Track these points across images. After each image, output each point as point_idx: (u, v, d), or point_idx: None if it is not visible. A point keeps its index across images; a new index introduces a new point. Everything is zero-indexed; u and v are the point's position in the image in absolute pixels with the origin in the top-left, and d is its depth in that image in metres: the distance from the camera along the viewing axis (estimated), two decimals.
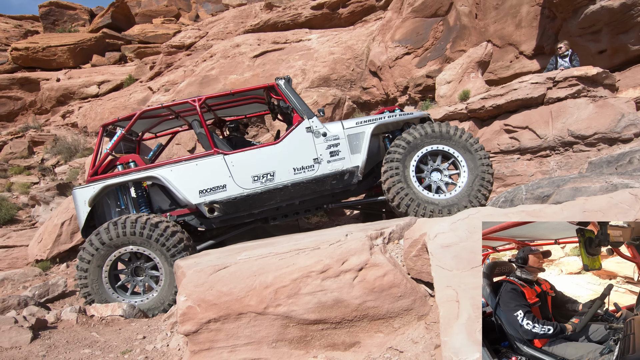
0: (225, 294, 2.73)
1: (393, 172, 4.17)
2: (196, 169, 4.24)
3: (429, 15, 9.84)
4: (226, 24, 14.89)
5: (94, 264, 4.06)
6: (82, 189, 4.31)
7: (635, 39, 6.63)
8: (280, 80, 4.58)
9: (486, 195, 4.24)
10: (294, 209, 4.53)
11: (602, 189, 3.76)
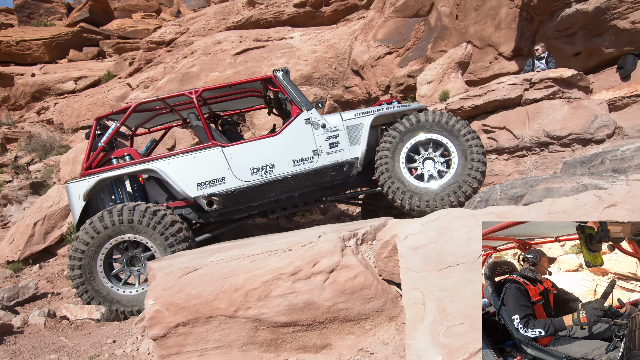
0: (194, 297, 2.68)
1: (383, 163, 4.19)
2: (194, 162, 4.16)
3: (410, 15, 9.89)
4: (207, 20, 14.69)
5: (88, 253, 3.94)
6: (76, 182, 4.21)
7: (609, 42, 6.78)
8: (279, 72, 4.54)
9: (478, 179, 4.18)
10: (293, 202, 4.49)
11: (573, 190, 3.82)
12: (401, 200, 4.10)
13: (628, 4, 6.14)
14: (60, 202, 7.15)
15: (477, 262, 2.19)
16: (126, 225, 3.92)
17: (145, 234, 3.95)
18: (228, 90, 4.90)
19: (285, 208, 4.51)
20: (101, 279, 3.98)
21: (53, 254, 7.01)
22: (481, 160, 4.17)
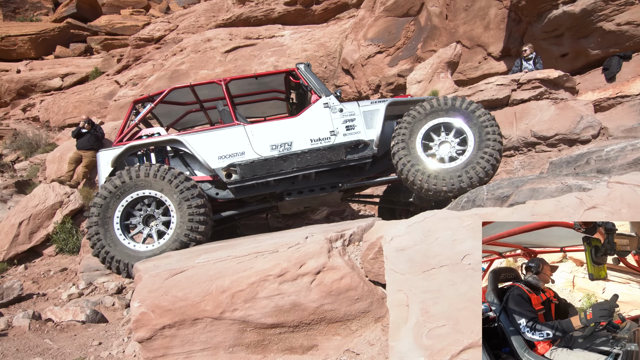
0: (180, 299, 2.67)
1: (400, 148, 4.25)
2: (217, 137, 4.37)
3: (400, 14, 9.92)
4: (197, 18, 14.58)
5: (106, 207, 3.98)
6: (107, 150, 4.39)
7: (595, 44, 6.87)
8: (301, 65, 4.78)
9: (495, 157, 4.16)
10: (310, 185, 4.54)
11: (557, 190, 3.87)
12: (420, 181, 4.13)
13: (613, 6, 6.23)
14: (46, 201, 7.06)
15: (461, 264, 2.21)
16: (144, 180, 4.00)
17: (163, 190, 4.01)
18: (254, 82, 5.10)
19: (302, 192, 4.55)
20: (117, 236, 3.98)
21: (39, 254, 6.91)
22: (497, 140, 4.20)
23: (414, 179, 4.15)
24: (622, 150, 5.31)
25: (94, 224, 3.92)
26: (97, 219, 3.92)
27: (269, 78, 5.10)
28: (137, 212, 4.07)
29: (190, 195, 3.98)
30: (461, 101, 4.31)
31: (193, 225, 3.90)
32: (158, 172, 4.01)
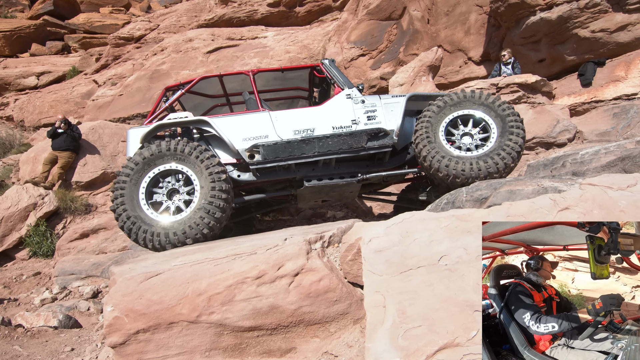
0: (155, 303, 2.61)
1: (423, 136, 4.33)
2: (242, 121, 4.48)
3: (383, 18, 10.00)
4: (179, 17, 14.41)
5: (133, 178, 4.02)
6: (137, 128, 4.49)
7: (571, 50, 7.05)
8: (326, 60, 4.93)
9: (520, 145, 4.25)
10: (329, 173, 4.57)
11: (534, 192, 3.94)
12: (447, 167, 4.20)
13: (588, 14, 6.41)
14: (19, 203, 6.84)
15: (438, 265, 2.22)
16: (172, 153, 4.07)
17: (189, 164, 4.08)
18: (279, 77, 5.24)
19: (321, 179, 4.59)
20: (142, 205, 4.01)
21: (11, 258, 6.69)
22: (520, 127, 4.30)
23: (439, 166, 4.23)
24: (596, 154, 5.45)
25: (121, 189, 3.97)
26: (125, 185, 3.98)
27: (294, 73, 5.26)
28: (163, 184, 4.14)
29: (218, 177, 4.03)
30: (482, 94, 4.45)
31: (212, 209, 3.93)
32: (194, 150, 4.07)
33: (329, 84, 5.21)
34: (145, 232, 3.87)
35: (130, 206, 3.95)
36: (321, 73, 4.97)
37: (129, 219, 3.90)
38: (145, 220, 3.93)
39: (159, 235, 3.86)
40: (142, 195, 4.02)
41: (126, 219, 3.90)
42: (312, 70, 5.17)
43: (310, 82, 5.49)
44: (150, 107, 11.41)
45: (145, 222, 3.92)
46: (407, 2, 9.56)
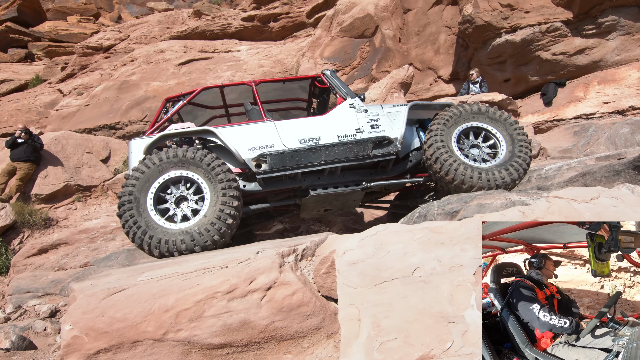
0: (118, 320, 2.47)
1: (438, 144, 4.40)
2: (247, 131, 4.46)
3: (356, 35, 10.20)
4: (150, 28, 14.21)
5: (141, 183, 3.94)
6: (139, 139, 4.41)
7: (534, 71, 7.39)
8: (327, 71, 4.98)
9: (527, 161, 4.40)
10: (334, 181, 4.59)
11: (502, 205, 4.04)
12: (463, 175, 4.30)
13: (549, 37, 6.75)
14: None
15: (412, 277, 2.21)
16: (183, 160, 4.02)
17: (200, 171, 4.04)
18: (279, 87, 5.26)
19: (326, 187, 4.59)
20: (149, 211, 3.92)
21: None
22: (527, 142, 4.46)
23: (455, 174, 4.31)
24: (559, 169, 5.69)
25: (129, 193, 3.87)
26: (134, 189, 3.88)
27: (295, 84, 5.31)
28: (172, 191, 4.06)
29: (229, 185, 4.00)
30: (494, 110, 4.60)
31: (222, 215, 3.89)
32: (205, 157, 4.04)
33: (328, 95, 5.32)
34: (151, 239, 3.79)
35: (137, 212, 3.87)
36: (322, 83, 5.04)
37: (135, 224, 3.81)
38: (152, 227, 3.84)
39: (167, 242, 3.78)
40: (151, 201, 3.93)
41: (133, 224, 3.81)
42: (313, 80, 5.22)
43: (310, 93, 5.54)
44: (119, 118, 11.10)
45: (152, 229, 3.83)
46: (380, 21, 9.81)
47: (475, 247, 2.35)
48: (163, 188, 4.03)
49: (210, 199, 3.98)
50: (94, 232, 6.83)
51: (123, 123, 11.12)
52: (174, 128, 4.57)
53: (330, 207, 5.04)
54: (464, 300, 2.03)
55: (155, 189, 3.96)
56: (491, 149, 4.57)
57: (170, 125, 4.70)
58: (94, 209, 8.61)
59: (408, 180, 4.92)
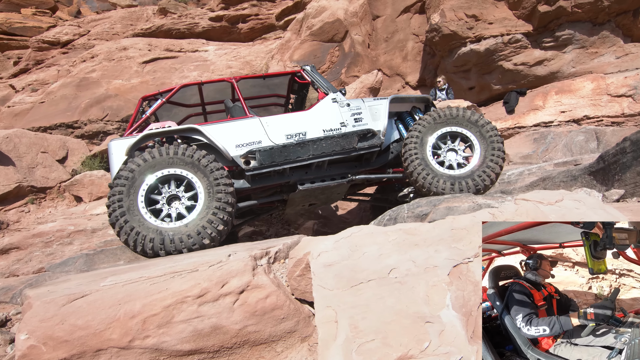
0: (80, 328, 2.32)
1: (412, 151, 4.48)
2: (233, 128, 4.41)
3: (326, 40, 10.25)
4: (112, 25, 13.69)
5: (130, 183, 3.81)
6: (119, 140, 4.25)
7: (497, 80, 7.70)
8: (307, 66, 4.99)
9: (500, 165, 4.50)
10: (321, 175, 4.64)
11: (469, 208, 4.17)
12: (436, 187, 4.40)
13: (511, 48, 7.06)
14: None
15: (388, 278, 2.22)
16: (175, 158, 3.93)
17: (193, 169, 3.96)
18: (257, 84, 5.26)
19: (314, 181, 4.63)
20: (140, 210, 3.81)
21: None
22: (501, 149, 4.56)
23: (424, 182, 4.42)
24: (521, 174, 5.92)
25: (119, 193, 3.76)
26: (123, 189, 3.77)
27: (275, 80, 5.31)
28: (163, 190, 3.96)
29: (220, 175, 3.94)
30: (468, 112, 4.68)
31: (221, 205, 3.85)
32: (194, 154, 3.96)
33: (307, 91, 5.35)
34: (144, 239, 3.68)
35: (127, 210, 3.74)
36: (302, 79, 5.03)
37: (126, 223, 3.69)
38: (145, 226, 3.72)
39: (162, 241, 3.68)
40: (142, 199, 3.82)
41: (123, 223, 3.69)
42: (293, 76, 5.22)
43: (289, 89, 5.54)
44: (77, 117, 10.59)
45: (144, 228, 3.71)
46: (349, 26, 9.92)
47: (449, 248, 2.39)
48: (154, 187, 3.92)
49: (205, 197, 3.91)
50: (49, 235, 6.47)
51: (82, 122, 10.63)
52: (154, 127, 4.44)
53: (315, 201, 5.09)
54: (440, 301, 2.05)
55: (146, 188, 3.85)
56: (467, 155, 4.69)
57: (150, 124, 4.57)
58: (49, 212, 8.15)
59: (391, 176, 5.04)
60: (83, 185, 8.62)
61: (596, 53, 6.76)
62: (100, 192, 8.50)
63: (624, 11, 6.51)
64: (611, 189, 4.01)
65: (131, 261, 6.40)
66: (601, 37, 6.70)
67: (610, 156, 4.18)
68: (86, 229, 6.73)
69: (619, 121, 6.02)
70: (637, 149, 3.83)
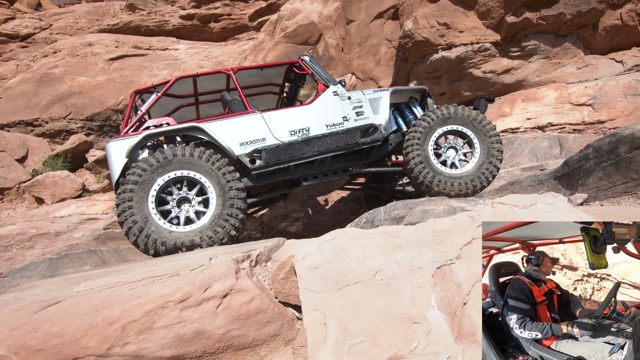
0: (55, 336, 2.22)
1: (415, 151, 4.52)
2: (236, 124, 4.31)
3: (300, 42, 10.25)
4: (77, 19, 13.16)
5: (141, 185, 3.71)
6: (117, 141, 4.09)
7: (467, 87, 7.95)
8: (306, 56, 4.95)
9: (497, 166, 4.64)
10: (324, 170, 4.66)
11: (444, 211, 4.28)
12: (437, 186, 4.51)
13: (480, 56, 7.32)
14: None
15: (374, 280, 2.25)
16: (186, 160, 3.84)
17: (202, 170, 3.88)
18: (254, 74, 5.15)
19: (317, 176, 4.64)
20: (152, 214, 3.73)
21: None
22: (500, 150, 4.69)
23: (424, 180, 4.52)
24: None
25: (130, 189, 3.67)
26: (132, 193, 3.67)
27: (273, 69, 5.21)
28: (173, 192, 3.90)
29: (232, 178, 3.90)
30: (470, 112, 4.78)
31: (233, 212, 3.80)
32: (203, 155, 3.88)
33: (303, 82, 5.30)
34: (155, 242, 3.63)
35: (138, 211, 3.65)
36: (301, 69, 4.97)
37: (135, 224, 3.61)
38: (155, 229, 3.65)
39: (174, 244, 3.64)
40: (152, 201, 3.74)
41: (132, 224, 3.62)
42: (291, 66, 5.16)
43: (285, 78, 5.48)
44: (37, 114, 10.09)
45: (155, 231, 3.65)
46: (323, 30, 9.97)
47: (431, 250, 2.45)
48: (164, 189, 3.85)
49: (217, 200, 3.86)
50: (8, 239, 6.13)
51: (43, 120, 10.15)
52: (151, 124, 4.32)
53: (315, 192, 5.15)
54: (425, 301, 2.10)
55: (157, 189, 3.77)
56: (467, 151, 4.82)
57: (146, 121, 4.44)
58: (8, 214, 7.73)
59: (392, 169, 5.13)
60: (45, 186, 8.22)
61: (559, 63, 7.13)
62: (64, 194, 8.14)
63: (584, 24, 6.89)
64: (575, 193, 4.23)
65: (99, 266, 6.17)
66: (564, 48, 7.07)
67: (575, 162, 4.41)
68: (49, 232, 6.43)
69: (580, 128, 6.37)
70: (599, 156, 4.06)
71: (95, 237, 6.31)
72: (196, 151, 3.90)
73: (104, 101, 10.13)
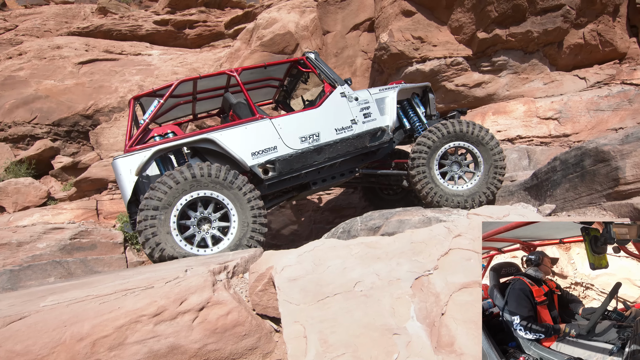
0: (19, 354, 2.10)
1: (421, 172, 4.64)
2: (246, 133, 4.22)
3: (276, 51, 10.25)
4: (45, 21, 12.73)
5: (163, 206, 3.65)
6: (125, 157, 3.96)
7: (440, 99, 8.13)
8: (311, 54, 4.89)
9: (500, 183, 4.78)
10: (332, 172, 4.70)
11: (420, 222, 4.35)
12: (437, 201, 4.66)
13: (453, 70, 7.52)
14: None
15: (354, 291, 2.25)
16: (205, 179, 3.78)
17: (228, 192, 3.84)
18: (257, 72, 5.08)
19: (325, 179, 4.68)
20: (174, 236, 3.70)
21: None
22: (504, 167, 4.80)
23: (427, 195, 4.66)
24: None
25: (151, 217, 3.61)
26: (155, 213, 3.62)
27: (275, 67, 5.14)
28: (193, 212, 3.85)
29: (252, 196, 3.89)
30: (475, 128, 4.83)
31: (258, 227, 3.86)
32: (222, 174, 3.83)
33: (305, 80, 5.29)
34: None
35: (160, 230, 3.62)
36: (305, 67, 4.92)
37: (157, 245, 3.58)
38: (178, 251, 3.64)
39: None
40: (174, 221, 3.69)
41: (155, 245, 3.58)
42: (295, 64, 5.11)
43: (287, 73, 5.44)
44: (0, 118, 9.65)
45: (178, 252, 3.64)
46: (300, 40, 10.02)
47: (409, 260, 2.47)
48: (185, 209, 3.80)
49: (239, 222, 3.85)
50: None
51: (5, 124, 9.73)
52: (156, 134, 4.23)
53: (319, 191, 5.26)
54: (405, 312, 2.11)
55: (179, 209, 3.73)
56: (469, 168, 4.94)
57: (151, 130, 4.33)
58: None
59: (396, 172, 5.16)
60: (7, 193, 7.84)
61: (527, 79, 7.41)
62: (27, 202, 7.78)
63: (550, 42, 7.20)
64: (544, 203, 4.38)
65: (64, 277, 5.90)
66: (531, 64, 7.35)
67: (543, 174, 4.58)
68: (10, 242, 6.12)
69: (547, 141, 6.63)
70: (565, 168, 4.23)
71: (60, 247, 6.04)
72: (217, 170, 3.87)
73: (72, 106, 9.80)
